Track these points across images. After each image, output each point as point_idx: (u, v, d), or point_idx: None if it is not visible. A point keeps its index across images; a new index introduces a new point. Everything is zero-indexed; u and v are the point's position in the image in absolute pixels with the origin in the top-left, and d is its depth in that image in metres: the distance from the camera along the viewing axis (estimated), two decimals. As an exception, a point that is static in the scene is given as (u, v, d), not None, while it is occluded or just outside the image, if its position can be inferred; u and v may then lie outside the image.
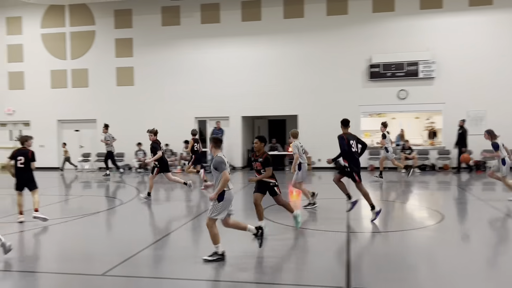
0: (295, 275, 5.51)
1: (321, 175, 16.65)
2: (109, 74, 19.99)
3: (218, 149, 6.33)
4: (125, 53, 19.84)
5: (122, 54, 19.87)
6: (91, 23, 20.15)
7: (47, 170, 18.70)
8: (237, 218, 7.09)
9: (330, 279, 5.30)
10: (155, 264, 6.19)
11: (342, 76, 18.14)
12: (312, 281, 5.27)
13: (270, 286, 5.12)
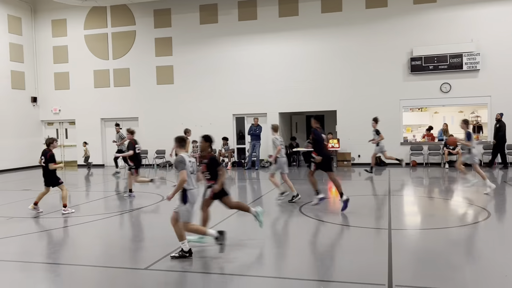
0: (336, 272, 5.46)
1: (361, 171, 16.40)
2: (149, 73, 20.41)
3: (182, 148, 6.34)
4: (165, 52, 20.20)
5: (162, 53, 20.24)
6: (131, 23, 20.63)
7: (95, 166, 19.33)
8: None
9: (372, 277, 5.22)
10: (197, 257, 6.28)
11: (382, 70, 17.77)
12: (353, 278, 5.20)
13: (310, 282, 5.10)
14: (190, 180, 6.11)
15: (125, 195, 11.82)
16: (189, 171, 6.11)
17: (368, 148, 17.87)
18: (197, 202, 6.27)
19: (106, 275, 5.75)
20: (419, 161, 17.62)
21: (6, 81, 20.11)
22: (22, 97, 20.97)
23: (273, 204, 10.66)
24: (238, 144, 19.99)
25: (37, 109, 21.85)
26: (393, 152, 17.66)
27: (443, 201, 10.56)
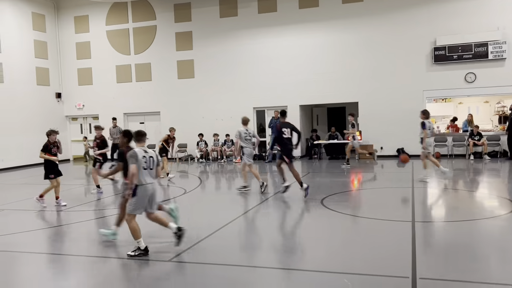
0: (359, 265, 5.44)
1: (384, 163, 16.24)
2: (170, 67, 20.55)
3: (138, 143, 6.33)
4: (185, 47, 20.30)
5: (182, 47, 20.34)
6: (152, 18, 20.78)
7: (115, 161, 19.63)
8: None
9: (395, 269, 5.18)
10: (219, 251, 6.34)
11: (405, 60, 17.47)
12: (376, 271, 5.17)
13: (333, 275, 5.09)
14: (141, 175, 6.04)
15: (93, 191, 11.74)
16: (141, 166, 6.04)
17: (391, 140, 17.72)
18: (150, 197, 6.19)
19: (131, 267, 5.85)
20: (443, 153, 17.33)
21: (31, 78, 20.54)
22: (47, 93, 21.40)
23: (294, 197, 10.65)
24: (259, 137, 19.97)
25: (62, 104, 22.28)
26: (416, 143, 17.39)
27: (468, 193, 10.38)
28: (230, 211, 9.21)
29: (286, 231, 7.38)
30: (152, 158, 6.22)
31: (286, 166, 10.09)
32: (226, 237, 7.11)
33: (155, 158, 6.28)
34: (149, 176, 6.17)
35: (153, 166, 6.23)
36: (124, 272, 5.68)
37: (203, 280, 5.06)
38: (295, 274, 5.20)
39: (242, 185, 11.03)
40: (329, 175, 14.14)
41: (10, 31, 19.46)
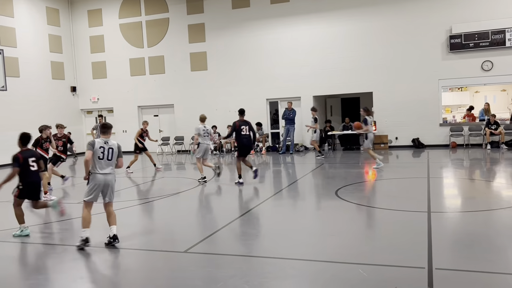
0: (375, 255, 5.41)
1: (399, 154, 16.10)
2: (183, 60, 20.58)
3: (102, 134, 6.55)
4: (198, 39, 20.29)
5: (195, 39, 20.34)
6: (165, 11, 20.79)
7: (130, 153, 19.77)
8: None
9: (411, 260, 5.15)
10: (234, 241, 6.37)
11: (420, 49, 17.22)
12: (392, 261, 5.15)
13: (348, 265, 5.08)
14: (95, 164, 6.25)
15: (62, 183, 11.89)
16: (97, 155, 6.25)
17: (406, 130, 17.55)
18: (103, 186, 6.35)
19: (147, 258, 5.92)
20: (459, 142, 17.11)
21: (47, 72, 20.76)
22: (62, 87, 21.62)
23: (310, 189, 10.65)
24: (272, 128, 19.97)
25: (77, 98, 22.50)
26: (432, 133, 17.30)
27: (484, 183, 10.24)
28: (244, 202, 9.25)
29: (300, 222, 7.38)
30: (111, 150, 6.38)
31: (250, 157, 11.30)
32: (240, 228, 7.14)
33: (115, 149, 6.44)
34: (104, 166, 6.32)
35: (111, 157, 6.37)
36: (140, 263, 5.74)
37: (218, 270, 5.10)
38: (310, 265, 5.20)
39: (200, 177, 11.74)
40: (343, 166, 14.08)
41: (25, 26, 19.66)
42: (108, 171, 6.37)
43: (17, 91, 18.65)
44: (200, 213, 8.64)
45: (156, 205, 9.21)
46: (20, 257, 6.37)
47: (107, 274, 5.29)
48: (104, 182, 6.34)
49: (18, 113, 18.62)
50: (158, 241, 6.69)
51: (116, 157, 6.48)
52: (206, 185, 11.44)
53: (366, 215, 7.68)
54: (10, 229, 7.25)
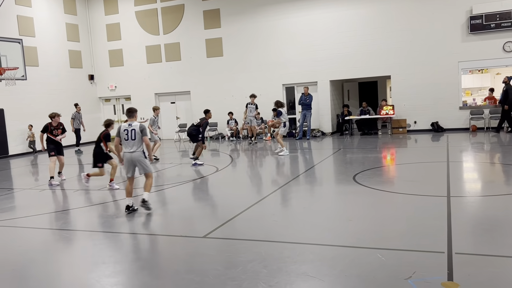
0: (394, 240, 5.40)
1: (418, 138, 15.92)
2: (199, 46, 20.55)
3: (128, 118, 7.53)
4: (213, 25, 20.22)
5: (211, 25, 20.27)
6: (180, -3, 20.74)
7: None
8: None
9: (431, 244, 5.12)
10: (252, 227, 6.42)
11: (439, 31, 16.87)
12: (411, 246, 5.13)
13: (367, 250, 5.09)
14: (123, 145, 7.39)
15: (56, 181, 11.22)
16: (123, 138, 7.34)
17: (425, 114, 17.31)
18: (129, 163, 7.38)
19: (167, 243, 6.01)
20: (480, 126, 16.82)
21: (65, 61, 20.98)
22: (80, 75, 21.85)
23: (327, 174, 10.63)
24: (288, 114, 19.87)
25: (95, 86, 22.72)
26: (451, 117, 17.04)
27: (505, 167, 10.07)
28: (261, 189, 9.29)
29: (319, 208, 7.39)
30: (134, 130, 7.32)
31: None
32: (258, 214, 7.18)
33: (137, 129, 7.33)
34: (129, 146, 7.33)
35: (134, 137, 7.32)
36: (160, 248, 5.84)
37: (237, 255, 5.15)
38: (328, 250, 5.22)
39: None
40: (361, 151, 13.98)
41: (42, 16, 19.85)
42: (134, 149, 7.33)
43: (36, 80, 18.90)
44: (218, 199, 8.71)
45: (174, 192, 9.31)
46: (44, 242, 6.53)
47: (127, 259, 5.39)
48: (131, 158, 7.35)
49: (38, 102, 18.91)
50: (177, 227, 6.79)
51: (140, 136, 7.34)
52: (223, 171, 11.48)
53: (384, 200, 7.64)
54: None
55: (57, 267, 5.35)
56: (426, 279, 4.20)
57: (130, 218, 7.27)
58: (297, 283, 4.35)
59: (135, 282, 4.69)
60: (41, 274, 5.08)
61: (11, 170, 14.69)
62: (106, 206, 8.32)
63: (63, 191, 10.19)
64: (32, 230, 7.04)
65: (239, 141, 18.92)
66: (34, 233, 6.87)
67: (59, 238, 6.63)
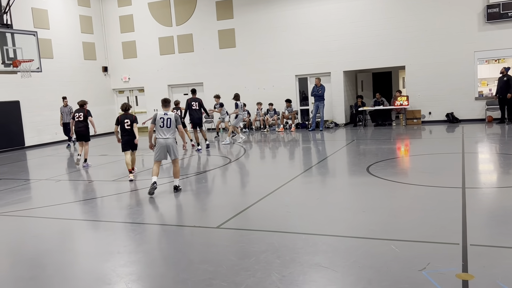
0: (408, 232, 5.37)
1: (433, 129, 15.76)
2: (211, 37, 20.53)
3: (163, 107, 8.27)
4: (226, 15, 20.16)
5: (223, 16, 20.21)
6: (192, -12, 20.70)
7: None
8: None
9: (445, 236, 5.08)
10: (265, 217, 6.43)
11: (454, 20, 16.59)
12: (426, 237, 5.10)
13: (381, 241, 5.07)
14: (158, 131, 8.13)
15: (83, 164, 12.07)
16: (158, 125, 8.09)
17: (441, 105, 17.11)
18: (163, 148, 8.14)
19: (180, 233, 6.06)
20: (496, 117, 16.57)
21: (79, 53, 21.14)
22: (94, 67, 22.00)
23: (341, 165, 10.59)
24: (301, 105, 19.83)
25: (108, 78, 22.87)
26: (467, 108, 16.83)
27: (523, 158, 9.92)
28: (274, 180, 9.28)
29: (332, 199, 7.38)
30: (169, 119, 8.13)
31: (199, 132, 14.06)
32: (271, 204, 7.19)
33: (172, 119, 8.15)
34: (164, 132, 8.12)
35: (170, 125, 8.12)
36: (174, 238, 5.89)
37: (250, 246, 5.17)
38: (342, 241, 5.21)
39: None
40: (374, 142, 13.89)
41: (56, 8, 19.99)
42: (168, 136, 8.15)
43: (51, 72, 19.07)
44: (231, 190, 8.74)
45: (187, 182, 9.36)
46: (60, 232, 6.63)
47: (141, 249, 5.45)
48: (165, 144, 8.13)
49: (53, 94, 19.10)
50: (190, 217, 6.84)
51: (174, 125, 8.18)
52: (236, 163, 11.52)
53: (398, 191, 7.59)
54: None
55: (73, 256, 5.44)
56: (441, 270, 4.18)
57: (145, 208, 7.34)
58: (310, 273, 4.36)
59: (149, 272, 4.74)
60: (57, 263, 5.16)
61: (27, 161, 14.91)
62: (121, 197, 8.41)
63: (77, 182, 10.32)
64: (48, 220, 7.16)
65: (251, 132, 18.91)
66: (50, 223, 6.99)
67: (75, 228, 6.73)
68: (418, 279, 4.05)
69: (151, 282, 4.46)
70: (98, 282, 4.49)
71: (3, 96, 17.29)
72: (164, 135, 8.12)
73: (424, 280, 4.02)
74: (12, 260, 5.51)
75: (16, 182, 10.49)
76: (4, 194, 9.29)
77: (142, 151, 13.55)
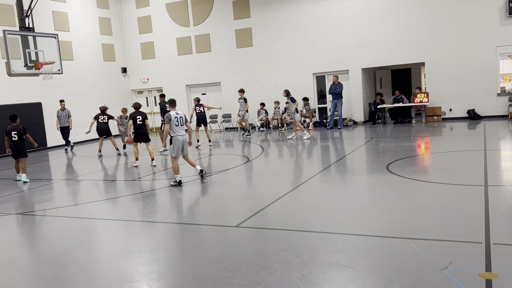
0: (430, 230, 5.31)
1: (453, 126, 15.51)
2: (229, 37, 20.57)
3: (171, 107, 9.04)
4: (243, 15, 20.17)
5: (240, 15, 20.24)
6: (209, -12, 20.77)
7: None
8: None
9: (468, 235, 5.01)
10: (284, 216, 6.43)
11: (475, 15, 16.28)
12: (448, 236, 5.03)
13: (403, 240, 5.02)
14: (174, 130, 8.76)
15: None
16: (174, 124, 8.75)
17: (461, 101, 16.83)
18: (181, 144, 8.82)
19: (200, 232, 6.10)
20: (518, 113, 16.22)
21: (98, 54, 21.43)
22: (113, 68, 22.27)
23: (360, 164, 10.52)
24: (319, 103, 19.73)
25: (127, 79, 23.13)
26: (488, 104, 16.53)
27: (548, 155, 9.70)
28: (293, 178, 9.28)
29: (351, 197, 7.33)
30: (182, 118, 8.89)
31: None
32: (290, 203, 7.19)
33: (183, 117, 8.94)
34: (180, 130, 8.84)
35: (183, 123, 8.89)
36: (194, 237, 5.93)
37: (269, 244, 5.18)
38: (362, 240, 5.17)
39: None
40: (394, 140, 13.75)
41: (76, 11, 20.29)
42: (183, 132, 8.94)
43: (72, 74, 19.37)
44: (249, 189, 8.76)
45: (207, 181, 9.40)
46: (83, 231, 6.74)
47: (162, 248, 5.51)
48: (182, 140, 8.87)
49: (74, 95, 19.41)
50: (210, 216, 6.87)
51: (185, 122, 8.95)
52: (253, 162, 11.53)
53: (419, 190, 7.50)
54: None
55: (95, 255, 5.53)
56: (463, 269, 4.12)
57: (165, 207, 7.40)
58: (330, 272, 4.35)
59: (170, 270, 4.79)
60: (80, 261, 5.25)
61: (49, 161, 15.19)
62: (142, 196, 8.50)
63: (98, 182, 10.48)
64: (71, 219, 7.29)
65: (269, 131, 18.90)
66: (73, 222, 7.11)
67: (96, 227, 6.84)
68: (440, 278, 4.00)
69: (172, 281, 4.51)
70: (120, 281, 4.56)
71: (26, 98, 17.64)
72: (181, 132, 8.88)
73: (446, 279, 3.97)
74: (36, 259, 5.63)
75: (39, 182, 10.69)
76: (28, 194, 9.49)
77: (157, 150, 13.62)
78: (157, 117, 22.87)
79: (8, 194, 9.53)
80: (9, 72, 12.94)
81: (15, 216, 7.72)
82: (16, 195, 9.44)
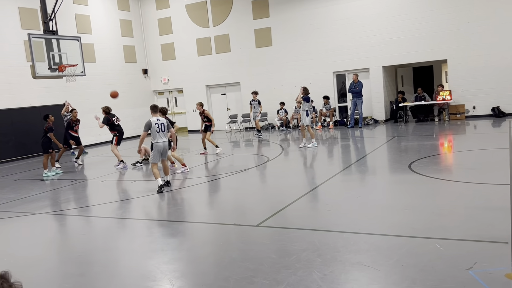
0: (454, 230, 5.23)
1: (477, 124, 15.22)
2: (248, 37, 20.61)
3: (153, 113, 8.90)
4: (262, 14, 20.19)
5: (259, 15, 20.25)
6: (228, -11, 20.85)
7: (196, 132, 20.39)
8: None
9: (493, 234, 4.91)
10: (306, 216, 6.42)
11: (500, 10, 15.92)
12: (472, 236, 4.95)
13: (426, 240, 4.96)
14: (155, 136, 8.74)
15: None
16: (155, 130, 8.71)
17: (485, 99, 16.51)
18: (161, 149, 8.83)
19: (221, 231, 6.14)
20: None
21: (120, 56, 21.73)
22: (134, 69, 22.56)
23: (381, 163, 10.42)
24: (339, 102, 19.60)
25: (148, 80, 23.39)
26: (514, 102, 16.17)
27: None
28: (313, 178, 9.25)
29: (373, 197, 7.27)
30: (163, 124, 8.83)
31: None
32: (311, 203, 7.17)
33: (165, 124, 8.88)
34: (161, 136, 8.79)
35: (164, 129, 8.83)
36: (215, 236, 5.97)
37: (291, 244, 5.18)
38: (384, 240, 5.13)
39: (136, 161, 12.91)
40: (416, 138, 13.57)
41: (98, 13, 20.62)
42: (164, 139, 8.86)
43: (94, 76, 19.68)
44: (270, 189, 8.76)
45: (226, 182, 9.46)
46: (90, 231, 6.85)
47: (184, 247, 5.56)
48: (163, 147, 8.84)
49: (97, 96, 19.71)
50: (230, 216, 6.91)
51: (167, 129, 8.92)
52: (273, 162, 11.53)
53: (442, 189, 7.39)
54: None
55: (119, 253, 5.61)
56: (488, 270, 4.05)
57: (186, 207, 7.47)
58: (352, 272, 4.33)
59: (192, 269, 4.83)
60: (104, 260, 5.35)
61: (72, 162, 15.45)
62: (162, 196, 8.59)
63: (120, 182, 10.63)
64: (94, 218, 7.42)
65: (289, 130, 18.87)
66: (96, 222, 7.24)
67: (119, 226, 6.94)
68: (464, 278, 3.94)
69: (195, 279, 4.55)
70: (143, 279, 4.62)
71: (50, 100, 18.00)
72: (162, 139, 8.84)
73: (471, 279, 3.91)
74: (62, 258, 5.75)
75: (63, 182, 10.91)
76: (52, 194, 9.70)
77: (182, 151, 13.74)
78: (178, 118, 23.13)
79: (35, 193, 9.75)
80: (34, 74, 13.23)
81: (42, 215, 7.89)
82: (42, 194, 9.66)
